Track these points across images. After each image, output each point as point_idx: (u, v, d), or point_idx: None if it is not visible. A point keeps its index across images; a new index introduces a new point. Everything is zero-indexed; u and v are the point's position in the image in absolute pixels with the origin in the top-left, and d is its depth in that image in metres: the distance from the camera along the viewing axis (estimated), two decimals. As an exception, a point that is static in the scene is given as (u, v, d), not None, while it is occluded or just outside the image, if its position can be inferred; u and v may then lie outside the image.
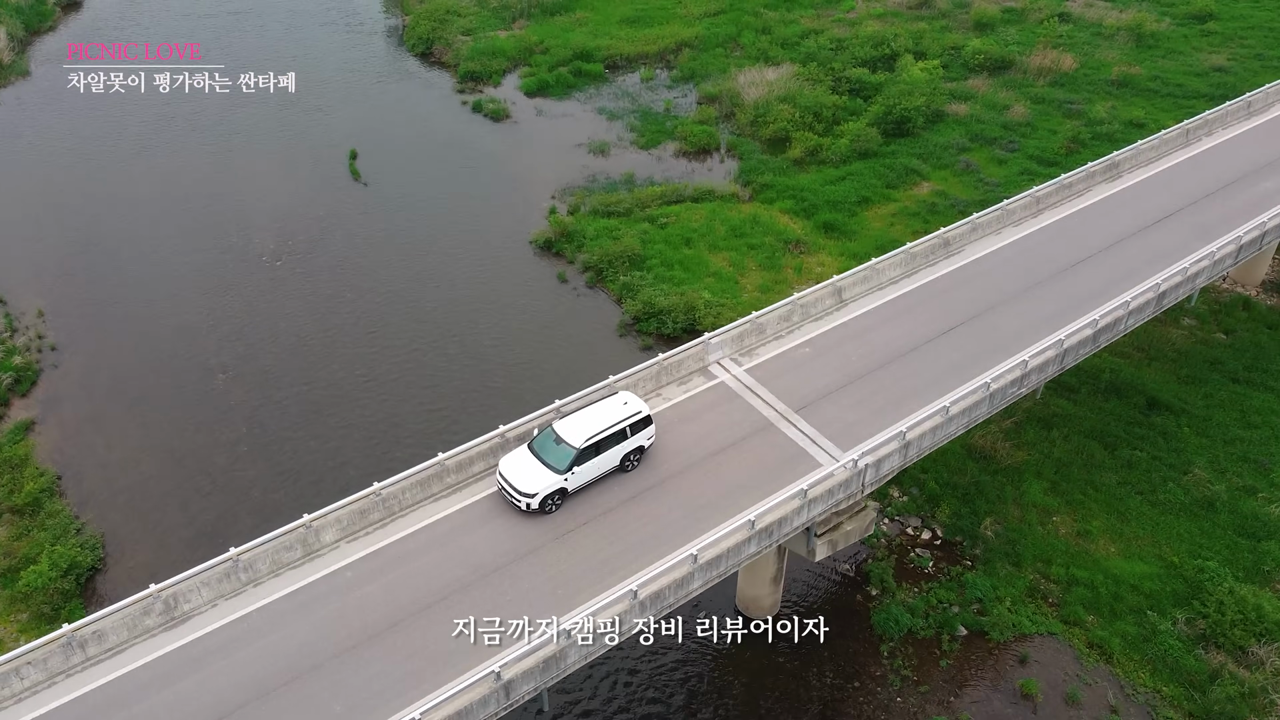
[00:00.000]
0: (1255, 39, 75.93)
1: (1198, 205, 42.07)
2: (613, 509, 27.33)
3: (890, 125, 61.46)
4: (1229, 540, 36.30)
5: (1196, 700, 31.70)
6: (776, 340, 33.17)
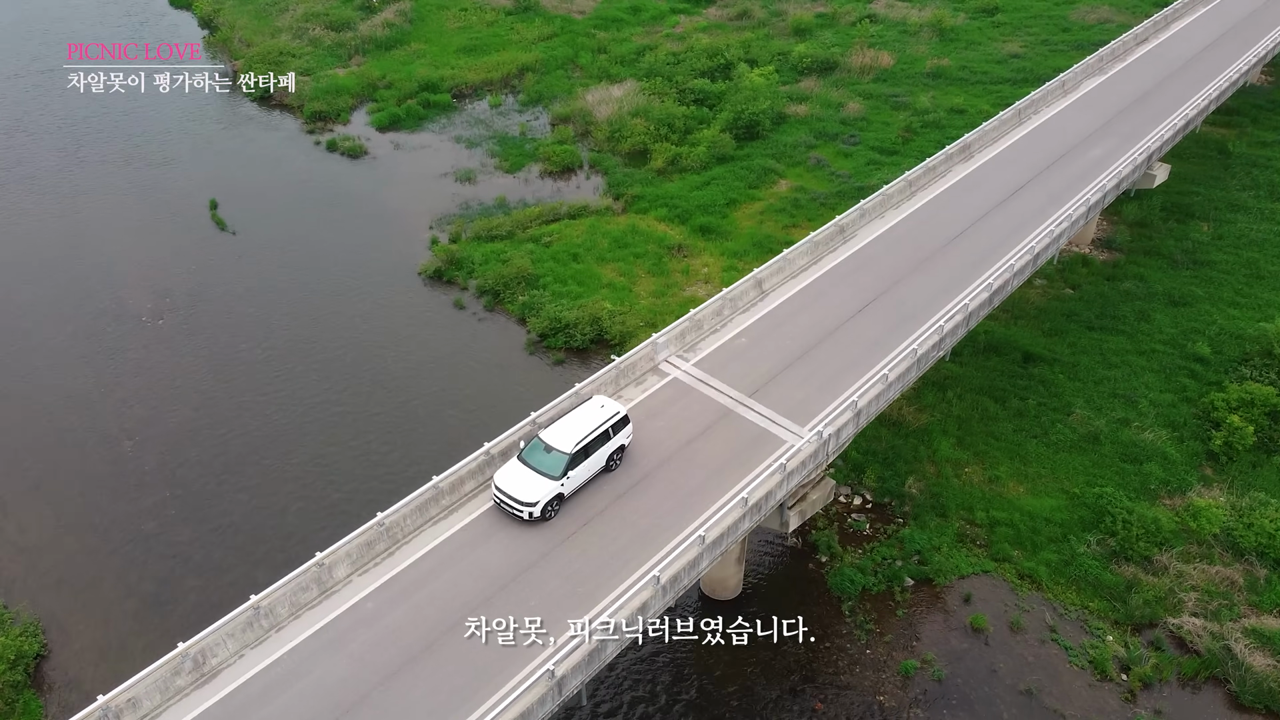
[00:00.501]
0: (1039, 27, 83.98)
1: (1043, 175, 46.90)
2: (606, 508, 28.53)
3: (741, 130, 64.81)
4: (1116, 467, 40.69)
5: (1119, 609, 35.58)
6: (714, 334, 35.14)
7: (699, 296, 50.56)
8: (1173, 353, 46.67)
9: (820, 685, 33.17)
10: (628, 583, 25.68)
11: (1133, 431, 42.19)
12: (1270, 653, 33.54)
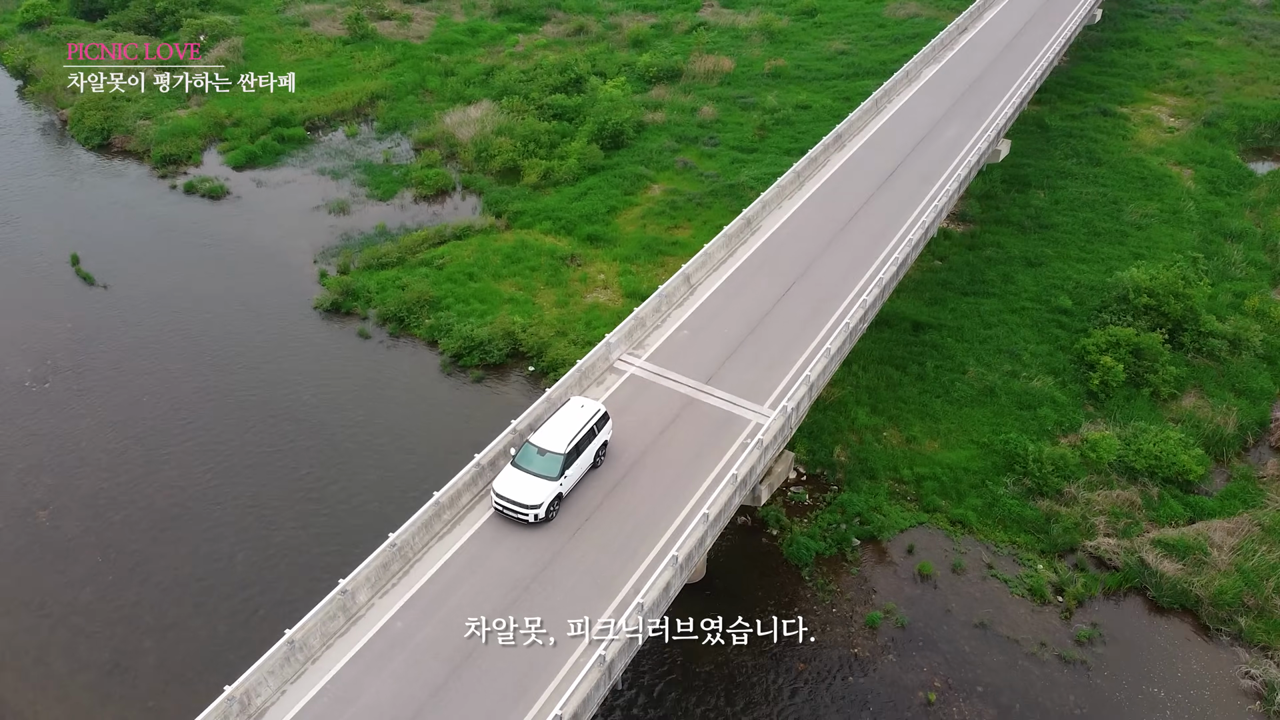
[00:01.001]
0: (857, 25, 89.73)
1: (910, 157, 50.78)
2: (602, 502, 29.58)
3: (607, 139, 66.58)
4: (1014, 414, 44.59)
5: (1043, 540, 39.18)
6: (656, 330, 36.67)
7: (600, 302, 52.09)
8: (1039, 308, 51.28)
9: (798, 647, 35.08)
10: (643, 567, 26.81)
11: (1022, 381, 46.25)
12: (1176, 559, 37.70)
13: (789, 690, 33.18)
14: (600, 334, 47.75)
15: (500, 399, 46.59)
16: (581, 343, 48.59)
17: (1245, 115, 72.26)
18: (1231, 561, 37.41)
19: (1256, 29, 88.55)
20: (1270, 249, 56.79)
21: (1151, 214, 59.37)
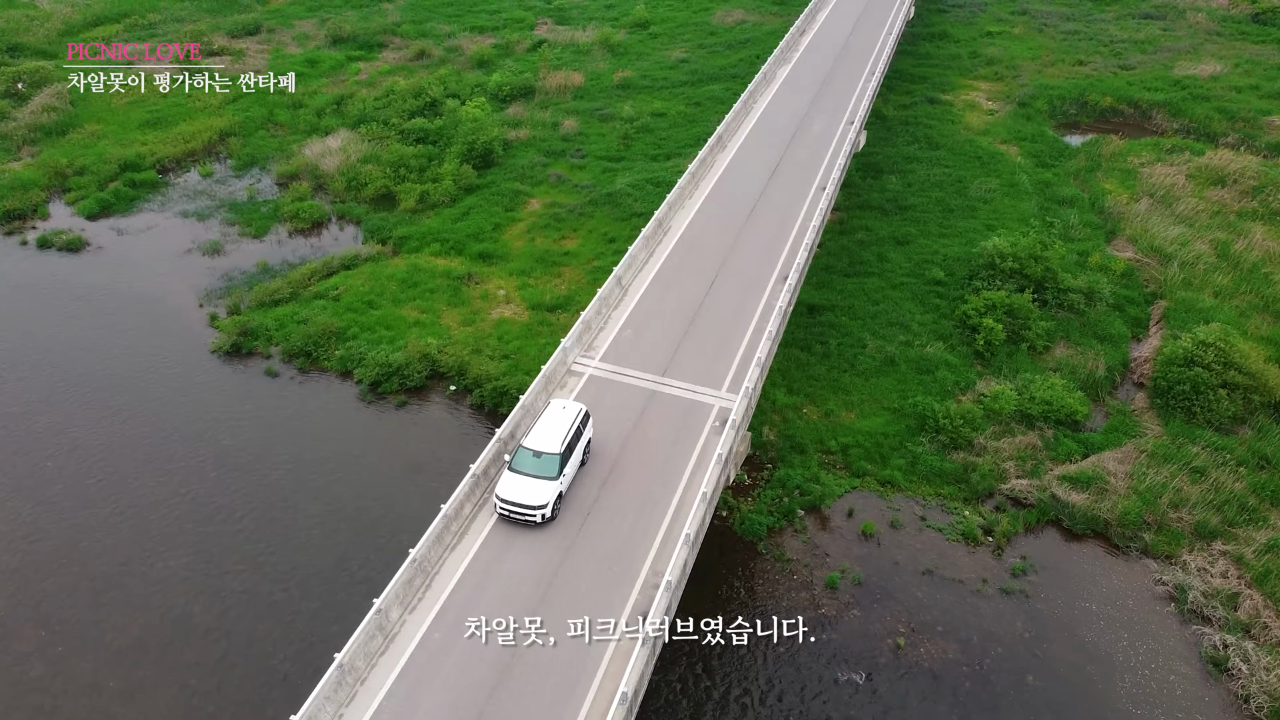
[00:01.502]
0: (690, 33, 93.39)
1: (789, 151, 54.00)
2: (598, 497, 30.74)
3: (477, 159, 67.21)
4: (916, 380, 48.20)
5: (964, 489, 42.71)
6: (601, 332, 38.00)
7: (507, 316, 52.87)
8: (916, 281, 55.40)
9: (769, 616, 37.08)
10: (654, 550, 28.15)
11: (916, 349, 49.98)
12: (1081, 490, 41.90)
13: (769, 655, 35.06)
14: (514, 347, 49.01)
15: (426, 420, 46.73)
16: (498, 357, 49.32)
17: (1052, 94, 79.64)
18: (1128, 487, 41.84)
19: (1045, 17, 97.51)
20: (1099, 211, 63.08)
21: (993, 188, 64.82)
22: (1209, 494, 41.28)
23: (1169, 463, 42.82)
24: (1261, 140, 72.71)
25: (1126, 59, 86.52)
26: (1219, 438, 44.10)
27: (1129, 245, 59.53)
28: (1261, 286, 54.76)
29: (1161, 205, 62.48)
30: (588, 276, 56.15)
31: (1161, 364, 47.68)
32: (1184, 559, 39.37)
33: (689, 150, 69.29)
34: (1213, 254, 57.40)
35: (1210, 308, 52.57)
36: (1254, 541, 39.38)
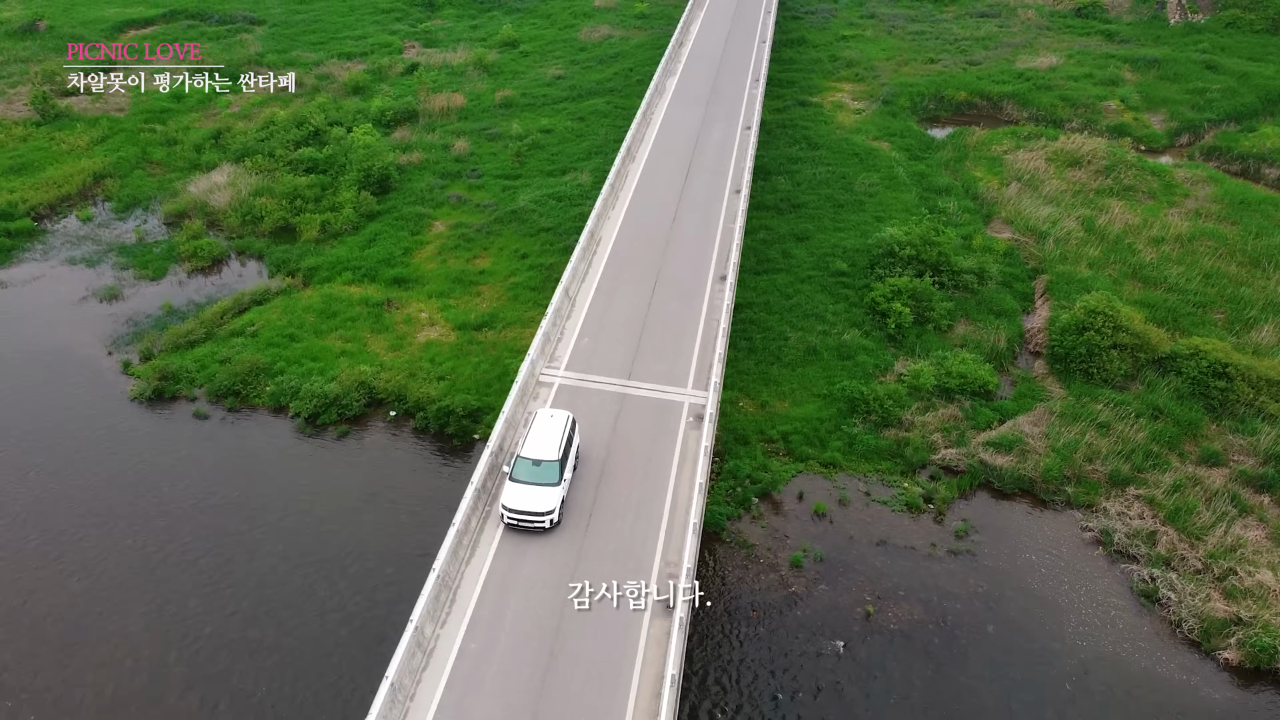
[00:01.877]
0: (560, 50, 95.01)
1: (696, 158, 56.16)
2: (596, 499, 31.84)
3: (375, 185, 66.93)
4: (839, 366, 50.94)
5: (900, 463, 45.52)
6: (560, 342, 39.07)
7: (434, 339, 53.14)
8: (822, 274, 58.36)
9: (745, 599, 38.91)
10: (660, 541, 29.49)
11: (834, 338, 52.76)
12: (1005, 453, 45.31)
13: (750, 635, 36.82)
14: (448, 368, 49.49)
15: (372, 448, 46.62)
16: (434, 379, 49.55)
17: (911, 92, 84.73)
18: (1046, 446, 45.48)
19: (892, 20, 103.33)
20: (973, 197, 67.71)
21: (875, 182, 68.69)
22: (1117, 446, 45.27)
23: (1077, 421, 46.69)
24: (1102, 124, 79.37)
25: (972, 55, 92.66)
26: (1116, 394, 48.34)
27: (1006, 226, 64.17)
28: (1127, 256, 60.03)
29: (1029, 188, 67.56)
30: (508, 293, 56.91)
31: (1056, 332, 51.80)
32: (1104, 506, 43.10)
33: (583, 164, 70.91)
34: (1081, 229, 62.51)
35: (1087, 278, 57.32)
36: (1161, 484, 43.48)
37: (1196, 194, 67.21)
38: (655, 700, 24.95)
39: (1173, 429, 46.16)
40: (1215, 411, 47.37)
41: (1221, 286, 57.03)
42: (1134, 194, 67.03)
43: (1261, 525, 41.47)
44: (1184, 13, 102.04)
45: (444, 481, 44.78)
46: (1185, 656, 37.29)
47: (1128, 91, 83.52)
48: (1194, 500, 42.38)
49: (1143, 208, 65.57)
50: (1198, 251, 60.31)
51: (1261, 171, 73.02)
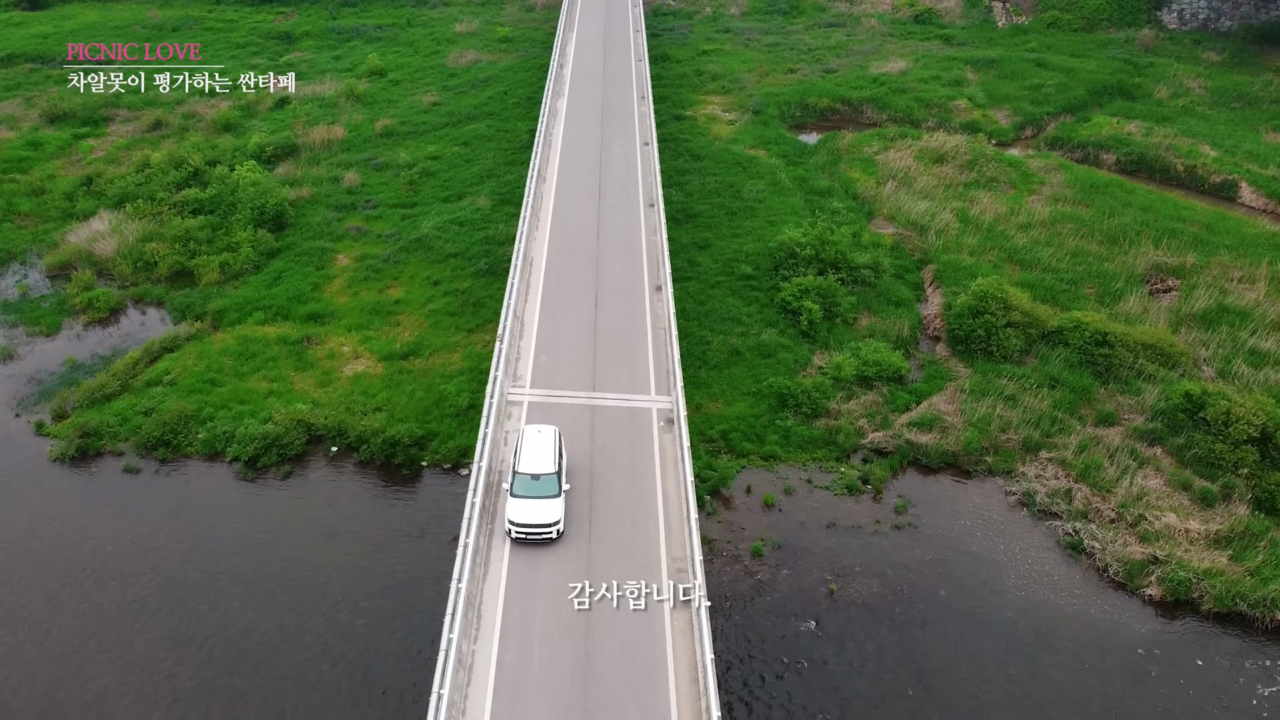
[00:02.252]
0: (430, 77, 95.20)
1: (604, 175, 57.99)
2: (591, 506, 33.17)
3: (270, 223, 65.99)
4: (762, 364, 53.47)
5: (834, 450, 48.40)
6: (519, 361, 40.18)
7: (361, 371, 53.16)
8: (729, 279, 61.00)
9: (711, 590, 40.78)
10: (662, 538, 31.14)
11: (753, 338, 55.35)
12: (926, 431, 48.78)
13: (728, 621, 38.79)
14: (383, 399, 49.90)
15: (319, 485, 46.41)
16: (371, 411, 49.61)
17: (778, 101, 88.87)
18: (962, 422, 49.20)
19: (746, 33, 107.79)
20: (854, 196, 71.83)
21: (762, 189, 71.99)
22: (1025, 415, 49.37)
23: (986, 396, 50.63)
24: (954, 122, 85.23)
25: (828, 63, 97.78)
26: (1016, 369, 52.63)
27: (888, 223, 68.45)
28: (1002, 242, 65.08)
29: (904, 185, 72.18)
30: (428, 321, 57.29)
31: (953, 317, 55.85)
32: (1022, 471, 47.02)
33: (477, 188, 71.73)
34: (956, 221, 67.33)
35: (971, 265, 61.90)
36: (1069, 446, 47.72)
37: (1051, 181, 73.23)
38: (693, 685, 26.48)
39: (1070, 396, 50.56)
40: (1102, 376, 52.05)
41: (1088, 264, 62.49)
42: (997, 185, 72.51)
43: (1159, 474, 46.03)
44: (1009, 15, 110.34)
45: (401, 510, 45.11)
46: (1113, 597, 41.22)
47: (974, 90, 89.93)
48: (1099, 458, 46.63)
49: (1007, 197, 71.02)
50: (1062, 234, 65.85)
51: (1100, 157, 79.89)
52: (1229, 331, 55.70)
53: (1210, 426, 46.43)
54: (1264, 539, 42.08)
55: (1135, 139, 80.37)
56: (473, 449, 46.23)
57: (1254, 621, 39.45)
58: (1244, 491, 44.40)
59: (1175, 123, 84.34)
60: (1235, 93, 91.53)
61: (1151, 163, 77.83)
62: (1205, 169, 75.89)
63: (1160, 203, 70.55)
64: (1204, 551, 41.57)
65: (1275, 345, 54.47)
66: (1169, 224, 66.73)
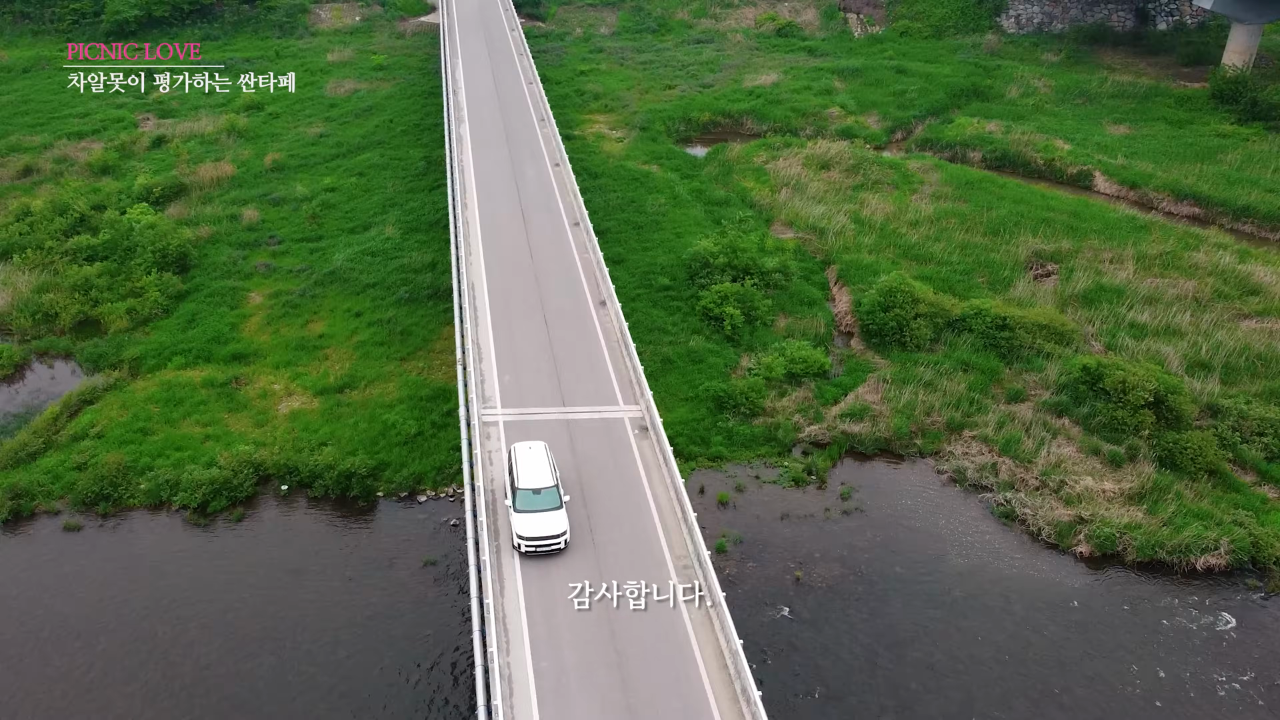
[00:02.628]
0: (311, 109, 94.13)
1: (521, 197, 59.18)
2: (589, 515, 34.47)
3: (174, 265, 64.44)
4: (695, 370, 55.34)
5: (776, 445, 50.88)
6: (485, 383, 41.07)
7: (298, 408, 52.83)
8: (649, 290, 62.89)
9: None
10: (663, 538, 32.79)
11: (682, 346, 57.35)
12: (857, 421, 51.75)
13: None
14: (326, 433, 49.94)
15: (273, 524, 46.07)
16: (316, 446, 49.44)
17: (662, 117, 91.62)
18: (889, 410, 52.41)
19: (620, 52, 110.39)
20: (750, 205, 74.94)
21: (663, 203, 74.26)
22: (945, 399, 52.93)
23: (907, 384, 54.02)
24: (830, 129, 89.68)
25: (704, 79, 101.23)
26: (930, 356, 56.29)
27: (787, 228, 71.79)
28: (895, 240, 69.19)
29: (797, 192, 75.75)
30: (357, 352, 57.23)
31: (864, 313, 59.25)
32: (949, 450, 50.48)
33: (382, 217, 71.74)
34: (851, 222, 71.17)
35: (871, 263, 65.63)
36: (988, 424, 51.46)
37: (929, 180, 78.10)
38: (722, 671, 28.14)
39: (981, 377, 54.46)
40: (1006, 357, 56.23)
41: (976, 255, 67.14)
42: (881, 187, 76.89)
43: (1070, 442, 50.20)
44: (864, 26, 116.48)
45: (364, 541, 45.22)
46: (1048, 557, 44.86)
47: (844, 98, 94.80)
48: (1017, 433, 50.50)
49: (892, 197, 75.42)
50: (948, 228, 70.48)
51: (967, 155, 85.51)
52: (1109, 308, 60.84)
53: (1110, 395, 50.77)
54: (1170, 492, 46.45)
55: (997, 137, 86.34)
56: (428, 475, 47.37)
57: (1173, 567, 43.53)
58: (1147, 452, 48.80)
59: (1029, 120, 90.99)
60: (1077, 90, 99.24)
61: (1014, 159, 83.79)
62: (1062, 162, 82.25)
63: (1030, 195, 76.17)
64: (1121, 508, 45.65)
65: (1150, 318, 59.82)
66: (1041, 214, 72.19)
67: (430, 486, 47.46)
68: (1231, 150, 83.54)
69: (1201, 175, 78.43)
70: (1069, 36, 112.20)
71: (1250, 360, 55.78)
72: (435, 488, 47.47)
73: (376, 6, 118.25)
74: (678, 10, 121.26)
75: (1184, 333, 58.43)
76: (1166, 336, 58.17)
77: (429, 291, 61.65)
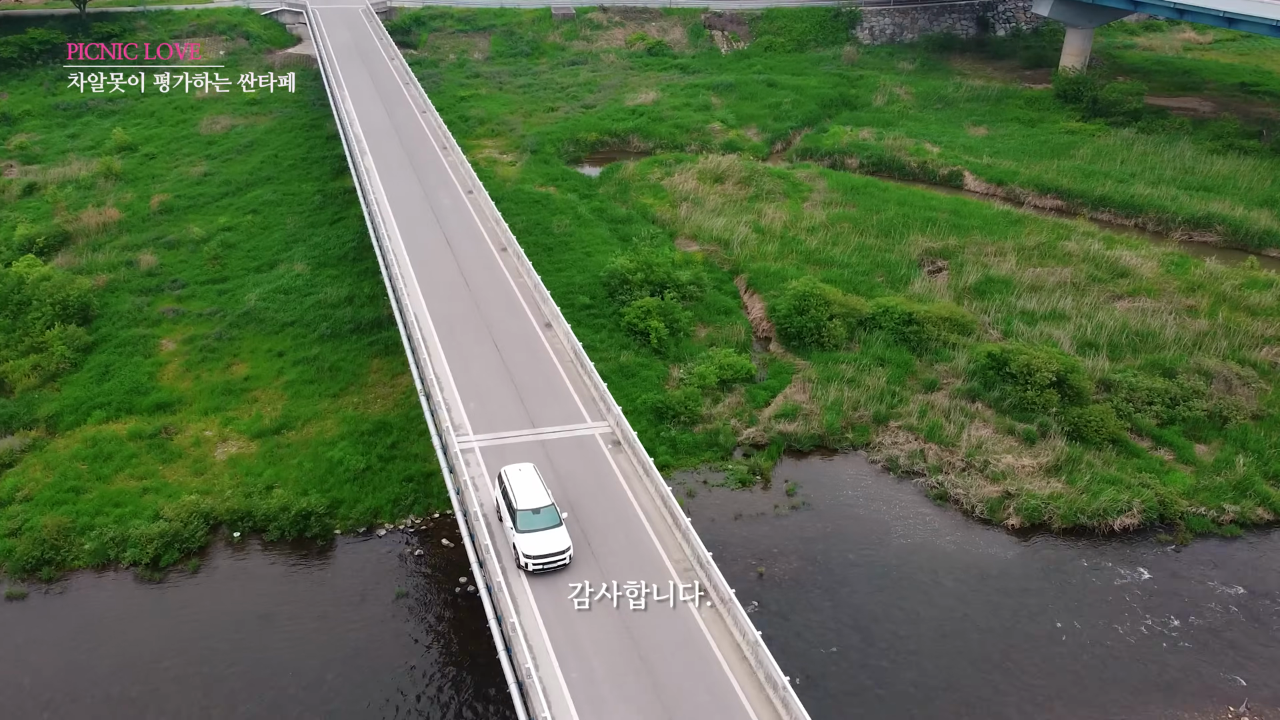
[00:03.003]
0: (189, 148, 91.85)
1: (443, 226, 59.71)
2: (584, 530, 35.65)
3: (76, 317, 62.20)
4: (629, 384, 56.59)
5: (718, 450, 52.99)
6: (451, 411, 41.74)
7: (235, 454, 52.11)
8: (571, 310, 63.39)
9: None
10: (660, 546, 34.38)
11: (613, 361, 58.84)
12: (790, 421, 54.39)
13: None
14: (272, 475, 49.73)
15: (231, 573, 45.39)
16: (264, 490, 48.95)
17: (550, 139, 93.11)
18: (818, 407, 55.28)
19: (497, 76, 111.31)
20: (652, 220, 77.20)
21: (567, 223, 75.76)
22: (868, 393, 56.09)
23: (831, 382, 57.01)
24: (715, 143, 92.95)
25: (584, 100, 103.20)
26: (848, 355, 59.54)
27: (691, 241, 74.32)
28: (796, 246, 72.58)
29: (696, 206, 78.41)
30: (287, 392, 56.70)
31: (780, 317, 62.14)
32: (878, 441, 53.62)
33: (286, 254, 70.96)
34: (752, 232, 74.20)
35: (778, 270, 68.72)
36: (911, 414, 54.88)
37: (817, 188, 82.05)
38: (743, 663, 29.85)
39: (897, 371, 57.96)
40: (917, 350, 59.97)
41: (872, 256, 71.10)
42: (774, 196, 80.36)
43: (986, 425, 54.06)
44: (730, 43, 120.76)
45: (330, 579, 45.12)
46: (981, 532, 48.30)
47: (723, 113, 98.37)
48: (938, 420, 54.06)
49: (785, 206, 78.95)
50: (843, 233, 74.33)
51: (845, 162, 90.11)
52: (1000, 298, 65.53)
53: (1016, 379, 54.89)
54: (1082, 463, 50.69)
55: (871, 143, 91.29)
56: (384, 509, 47.66)
57: (1094, 530, 47.58)
58: (1056, 428, 53.05)
59: (897, 125, 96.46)
60: (935, 96, 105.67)
61: (889, 163, 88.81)
62: (934, 164, 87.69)
63: (912, 196, 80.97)
64: (1042, 481, 49.58)
65: (1037, 305, 64.73)
66: (925, 214, 76.90)
67: (388, 519, 47.60)
68: (1081, 145, 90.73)
69: (1060, 170, 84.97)
70: (920, 45, 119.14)
71: (1130, 337, 61.05)
72: (393, 520, 47.65)
73: (241, 40, 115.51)
74: (548, 33, 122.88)
75: (1069, 316, 63.43)
76: (1054, 321, 63.02)
77: (350, 326, 61.55)
